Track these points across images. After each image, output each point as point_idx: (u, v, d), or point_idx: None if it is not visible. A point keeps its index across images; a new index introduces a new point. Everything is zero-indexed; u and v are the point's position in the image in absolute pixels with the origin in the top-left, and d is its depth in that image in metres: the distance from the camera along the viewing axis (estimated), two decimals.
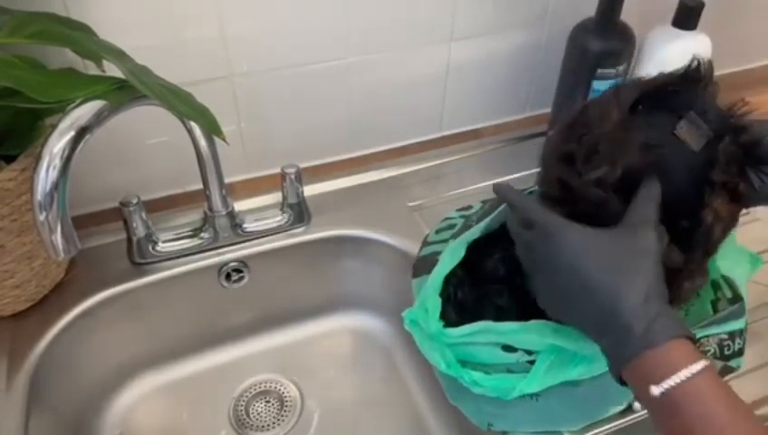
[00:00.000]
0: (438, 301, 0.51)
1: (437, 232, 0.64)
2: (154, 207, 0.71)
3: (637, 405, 0.53)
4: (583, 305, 0.41)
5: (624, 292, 0.39)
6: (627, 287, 0.40)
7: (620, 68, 0.74)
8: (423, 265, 0.59)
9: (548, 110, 0.85)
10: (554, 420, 0.52)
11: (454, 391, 0.53)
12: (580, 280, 0.41)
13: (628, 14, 0.72)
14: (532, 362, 0.49)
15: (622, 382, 0.41)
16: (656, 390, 0.38)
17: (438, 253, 0.58)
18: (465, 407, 0.53)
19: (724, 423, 0.37)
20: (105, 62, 0.52)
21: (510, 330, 0.49)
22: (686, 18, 0.72)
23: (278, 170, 0.69)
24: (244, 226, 0.69)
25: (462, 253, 0.54)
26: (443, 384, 0.55)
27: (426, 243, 0.64)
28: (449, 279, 0.54)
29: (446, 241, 0.61)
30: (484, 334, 0.49)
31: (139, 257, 0.65)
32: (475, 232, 0.55)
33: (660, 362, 0.38)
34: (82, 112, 0.47)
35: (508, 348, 0.50)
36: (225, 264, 0.68)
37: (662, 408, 0.38)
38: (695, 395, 0.37)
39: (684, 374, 0.37)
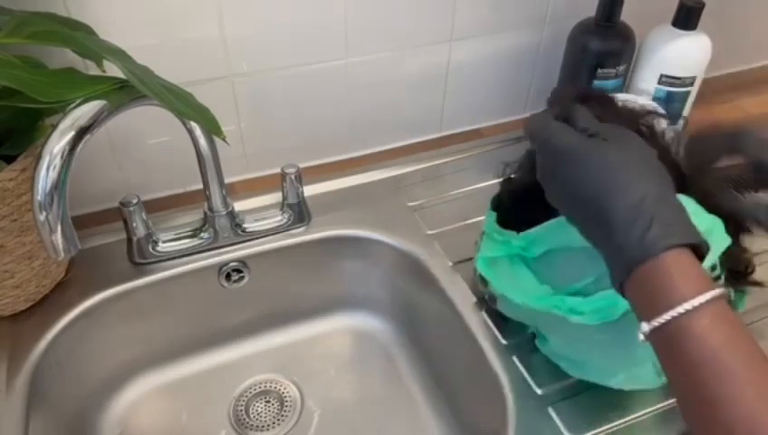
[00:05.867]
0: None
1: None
2: (154, 207, 0.71)
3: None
4: (582, 209, 0.36)
5: (622, 192, 0.33)
6: (623, 188, 0.34)
7: (620, 68, 0.74)
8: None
9: None
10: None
11: (569, 364, 0.51)
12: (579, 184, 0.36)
13: (628, 14, 0.73)
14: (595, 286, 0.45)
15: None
16: (645, 327, 0.31)
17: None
18: (591, 372, 0.51)
19: (736, 374, 0.29)
20: (105, 62, 0.52)
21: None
22: (686, 18, 0.72)
23: (278, 170, 0.69)
24: (244, 226, 0.69)
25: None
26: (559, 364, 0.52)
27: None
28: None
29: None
30: (557, 232, 0.45)
31: (139, 257, 0.65)
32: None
33: (654, 284, 0.31)
34: (83, 112, 0.47)
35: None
36: (225, 264, 0.68)
37: (659, 347, 0.32)
38: (695, 336, 0.29)
39: (679, 309, 0.30)
